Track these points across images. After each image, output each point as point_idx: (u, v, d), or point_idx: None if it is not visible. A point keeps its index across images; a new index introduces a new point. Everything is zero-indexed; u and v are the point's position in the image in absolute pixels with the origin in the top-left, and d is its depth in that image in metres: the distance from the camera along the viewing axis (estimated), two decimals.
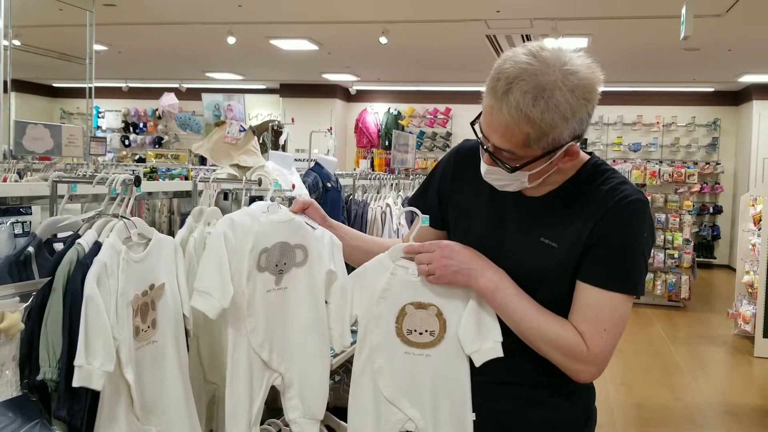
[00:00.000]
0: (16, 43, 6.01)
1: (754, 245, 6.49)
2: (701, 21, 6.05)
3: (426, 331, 1.43)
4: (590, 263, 1.34)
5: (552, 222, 1.39)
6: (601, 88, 1.29)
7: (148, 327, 1.47)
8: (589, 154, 1.47)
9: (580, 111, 1.25)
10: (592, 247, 1.34)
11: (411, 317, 1.44)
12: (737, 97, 11.90)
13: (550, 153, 1.29)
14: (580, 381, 1.38)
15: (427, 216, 1.47)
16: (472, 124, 1.37)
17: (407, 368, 1.44)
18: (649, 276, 8.19)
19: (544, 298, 1.37)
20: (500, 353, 1.37)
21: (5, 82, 5.33)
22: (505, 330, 1.40)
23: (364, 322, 1.46)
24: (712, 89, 11.84)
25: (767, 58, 8.84)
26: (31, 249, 1.42)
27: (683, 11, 5.45)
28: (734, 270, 7.94)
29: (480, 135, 1.35)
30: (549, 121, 1.23)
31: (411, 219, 1.58)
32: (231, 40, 7.86)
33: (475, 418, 1.41)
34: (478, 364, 1.39)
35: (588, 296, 1.34)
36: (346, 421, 1.52)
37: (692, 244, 8.43)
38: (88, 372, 1.28)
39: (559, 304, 1.37)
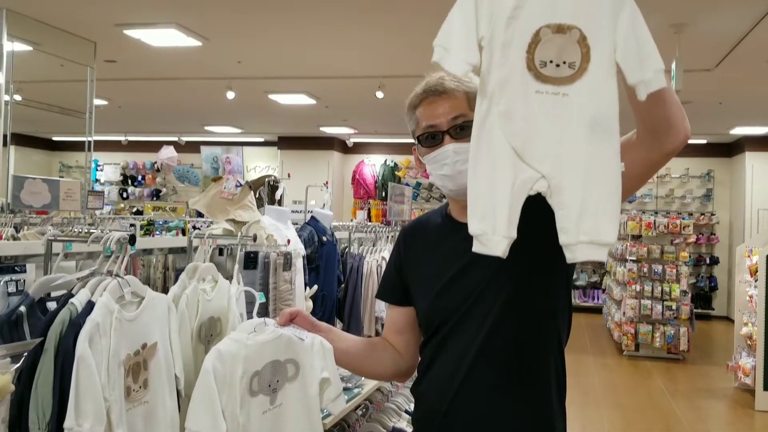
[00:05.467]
0: (17, 98, 6.09)
1: (751, 297, 6.48)
2: (691, 75, 6.18)
3: (564, 62, 1.14)
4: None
5: None
6: None
7: (140, 387, 1.46)
8: None
9: None
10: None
11: (546, 44, 1.13)
12: (730, 149, 12.05)
13: None
14: (687, 135, 1.32)
15: None
16: (417, 138, 1.53)
17: (539, 111, 1.16)
18: (648, 328, 8.15)
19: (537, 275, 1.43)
20: (664, 83, 1.15)
21: (5, 136, 5.39)
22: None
23: (488, 52, 1.17)
24: (705, 141, 11.99)
25: (757, 111, 8.99)
26: (22, 309, 1.42)
27: (673, 66, 5.57)
28: (733, 321, 7.90)
29: (428, 136, 1.50)
30: (473, 87, 1.41)
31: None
32: (230, 95, 7.98)
33: (623, 169, 1.17)
34: (643, 96, 1.13)
35: None
36: None
37: (690, 295, 8.41)
38: None
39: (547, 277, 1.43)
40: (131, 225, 5.93)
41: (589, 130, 1.13)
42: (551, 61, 1.13)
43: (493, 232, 1.16)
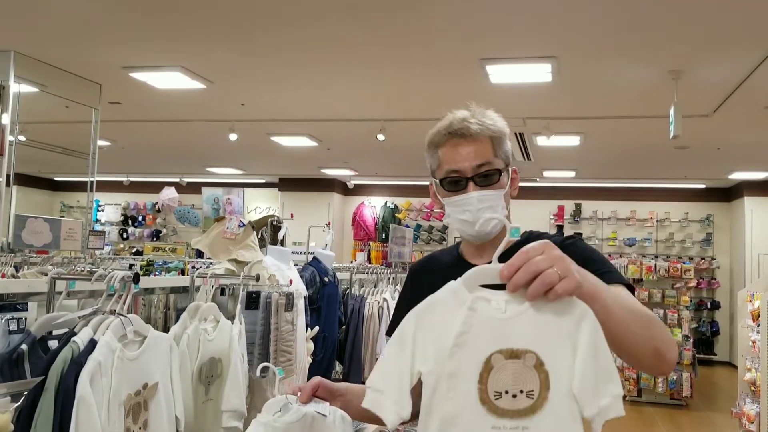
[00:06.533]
0: (22, 138, 6.14)
1: (754, 342, 6.42)
2: (689, 121, 6.24)
3: (522, 391, 1.01)
4: None
5: None
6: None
7: (140, 428, 1.44)
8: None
9: (507, 132, 1.53)
10: None
11: (500, 373, 1.01)
12: (729, 194, 12.10)
13: (508, 167, 1.52)
14: (672, 365, 1.24)
15: (519, 227, 1.12)
16: (440, 180, 1.52)
17: None
18: None
19: None
20: (621, 411, 1.03)
21: (8, 176, 5.42)
22: None
23: (431, 383, 1.04)
24: (703, 186, 12.05)
25: (755, 156, 9.06)
26: (24, 347, 1.41)
27: (671, 112, 5.63)
28: (735, 367, 7.82)
29: (451, 181, 1.49)
30: (500, 126, 1.50)
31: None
32: (233, 136, 8.05)
33: None
34: (598, 428, 1.03)
35: None
36: None
37: (692, 340, 8.34)
38: None
39: None
40: (130, 265, 5.91)
41: None
42: (507, 392, 1.00)
43: None
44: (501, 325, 1.02)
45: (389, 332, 1.59)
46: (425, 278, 1.63)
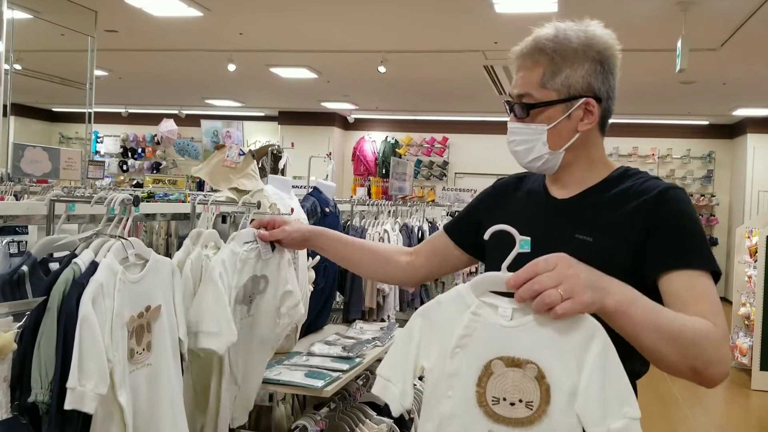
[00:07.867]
0: (17, 67, 6.03)
1: (750, 277, 6.49)
2: (696, 55, 6.13)
3: (520, 401, 1.02)
4: (659, 252, 1.24)
5: (586, 218, 1.33)
6: (618, 56, 1.38)
7: (143, 350, 1.46)
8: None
9: (592, 55, 1.32)
10: (650, 238, 1.25)
11: (499, 379, 1.03)
12: (732, 131, 12.01)
13: (566, 101, 1.32)
14: (722, 376, 1.14)
15: (528, 239, 1.06)
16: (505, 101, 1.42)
17: None
18: None
19: None
20: None
21: (5, 106, 5.35)
22: None
23: (433, 380, 1.08)
24: (707, 122, 11.95)
25: (761, 92, 8.94)
26: (25, 268, 1.41)
27: (679, 44, 5.52)
28: (730, 302, 7.92)
29: (507, 104, 1.39)
30: (561, 52, 1.30)
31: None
32: (231, 67, 7.92)
33: None
34: None
35: (675, 284, 1.20)
36: None
37: None
38: (81, 394, 1.26)
39: None
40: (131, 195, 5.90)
41: None
42: (504, 399, 1.02)
43: None
44: (504, 333, 1.03)
45: (446, 228, 1.60)
46: (509, 194, 1.53)
